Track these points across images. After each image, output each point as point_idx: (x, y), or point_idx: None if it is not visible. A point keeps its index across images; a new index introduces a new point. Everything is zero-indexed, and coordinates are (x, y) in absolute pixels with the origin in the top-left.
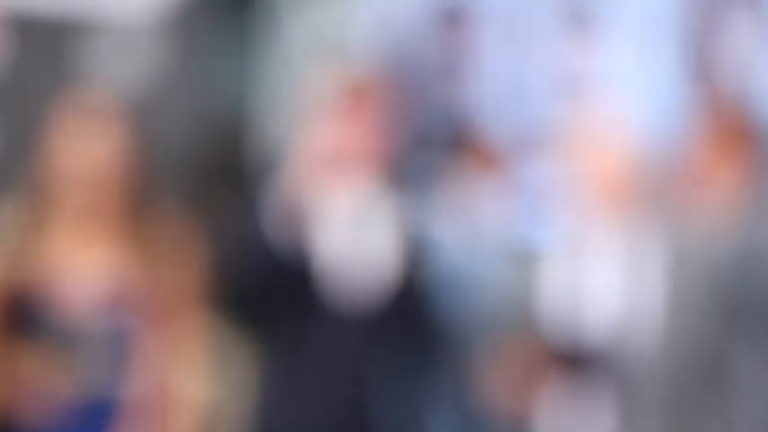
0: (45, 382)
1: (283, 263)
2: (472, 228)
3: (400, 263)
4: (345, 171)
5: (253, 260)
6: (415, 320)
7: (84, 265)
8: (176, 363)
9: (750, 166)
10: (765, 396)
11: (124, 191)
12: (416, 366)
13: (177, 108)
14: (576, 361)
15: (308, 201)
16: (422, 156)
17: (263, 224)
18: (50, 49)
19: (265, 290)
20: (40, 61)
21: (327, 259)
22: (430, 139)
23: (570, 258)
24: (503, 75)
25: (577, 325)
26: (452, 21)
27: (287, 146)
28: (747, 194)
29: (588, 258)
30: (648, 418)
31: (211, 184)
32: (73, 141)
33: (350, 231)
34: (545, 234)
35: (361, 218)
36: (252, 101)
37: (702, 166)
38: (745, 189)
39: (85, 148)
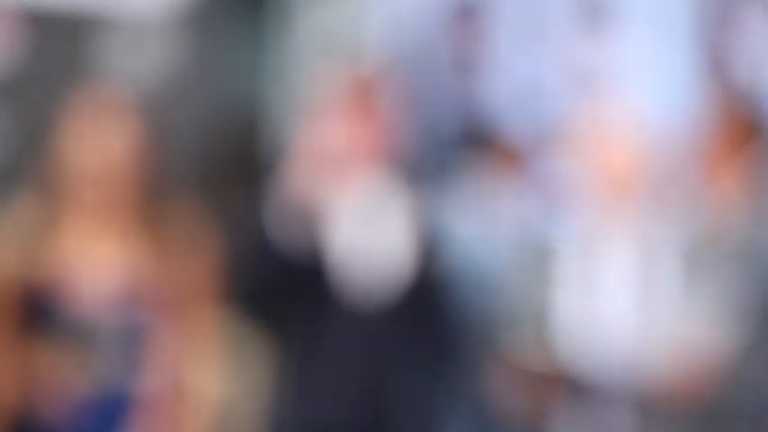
0: (60, 378)
1: (296, 259)
2: (488, 223)
3: (414, 259)
4: (354, 168)
5: (266, 256)
6: (429, 316)
7: (98, 261)
8: (191, 358)
9: (762, 161)
10: None
11: (138, 186)
12: (432, 362)
13: (191, 103)
14: (589, 372)
15: (319, 197)
16: (437, 152)
17: (275, 220)
18: (64, 43)
19: (278, 286)
20: (54, 56)
21: (340, 256)
22: (445, 136)
23: (584, 254)
24: (517, 70)
25: (591, 323)
26: (466, 17)
27: (296, 142)
28: (759, 190)
29: (602, 254)
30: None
31: (225, 180)
32: (87, 137)
33: (362, 227)
34: (560, 229)
35: (373, 214)
36: (265, 96)
37: (715, 162)
38: (757, 185)
39: (99, 143)
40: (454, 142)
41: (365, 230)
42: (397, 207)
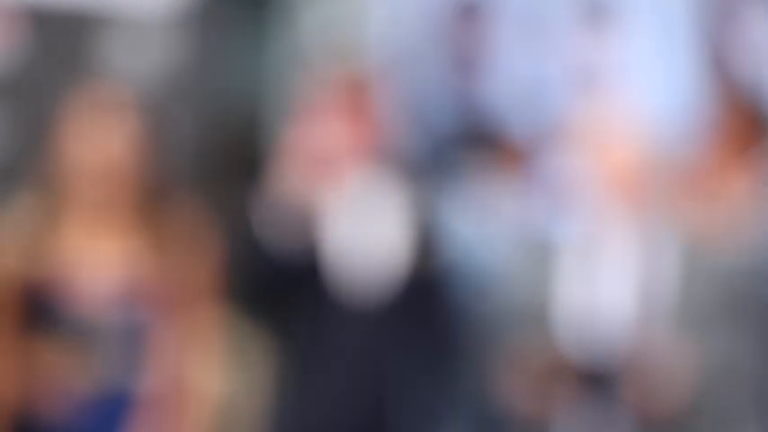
0: (61, 376)
1: (294, 259)
2: (489, 221)
3: (412, 256)
4: (348, 166)
5: (264, 255)
6: (428, 313)
7: (99, 259)
8: (192, 356)
9: (765, 160)
10: None
11: (138, 185)
12: (432, 360)
13: (192, 102)
14: (591, 369)
15: (314, 196)
16: (438, 150)
17: (272, 219)
18: (66, 42)
19: (276, 286)
20: (55, 55)
21: (337, 255)
22: (446, 134)
23: (586, 251)
24: (519, 69)
25: (593, 320)
26: (468, 15)
27: (288, 141)
28: (762, 188)
29: (603, 251)
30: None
31: (225, 179)
32: (87, 135)
33: (358, 226)
34: (561, 228)
35: (369, 212)
36: (267, 95)
37: (717, 160)
38: (760, 183)
39: (100, 141)
40: (456, 140)
41: (361, 229)
42: (392, 205)
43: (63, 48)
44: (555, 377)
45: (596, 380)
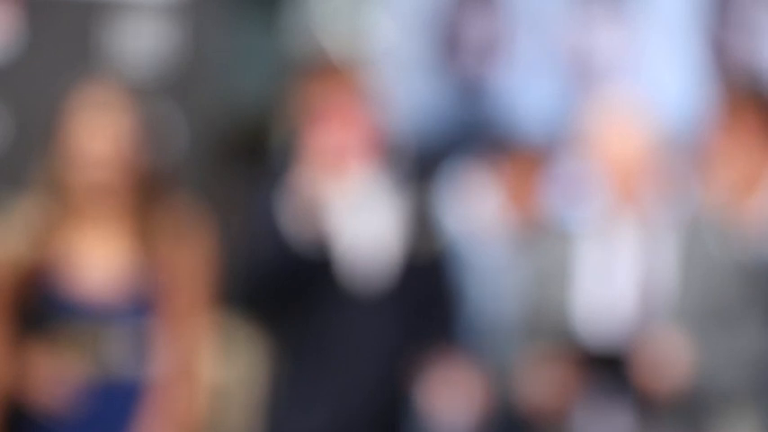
0: (63, 368)
1: (302, 252)
2: (494, 218)
3: (416, 246)
4: (353, 162)
5: (271, 248)
6: (437, 301)
7: (100, 252)
8: (193, 349)
9: None
10: None
11: (137, 177)
12: (442, 346)
13: (198, 89)
14: (605, 358)
15: (320, 192)
16: (443, 145)
17: (280, 213)
18: (69, 28)
19: (284, 279)
20: (58, 42)
21: (345, 247)
22: (451, 129)
23: (593, 246)
24: (524, 65)
25: (605, 314)
26: (472, 12)
27: (297, 140)
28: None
29: (611, 246)
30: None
31: (233, 168)
32: (86, 126)
33: (365, 219)
34: (569, 222)
35: (375, 206)
36: (275, 83)
37: (725, 152)
38: (763, 173)
39: (98, 132)
40: (463, 136)
41: (368, 222)
42: (398, 198)
43: (68, 34)
44: (569, 367)
45: (609, 367)
